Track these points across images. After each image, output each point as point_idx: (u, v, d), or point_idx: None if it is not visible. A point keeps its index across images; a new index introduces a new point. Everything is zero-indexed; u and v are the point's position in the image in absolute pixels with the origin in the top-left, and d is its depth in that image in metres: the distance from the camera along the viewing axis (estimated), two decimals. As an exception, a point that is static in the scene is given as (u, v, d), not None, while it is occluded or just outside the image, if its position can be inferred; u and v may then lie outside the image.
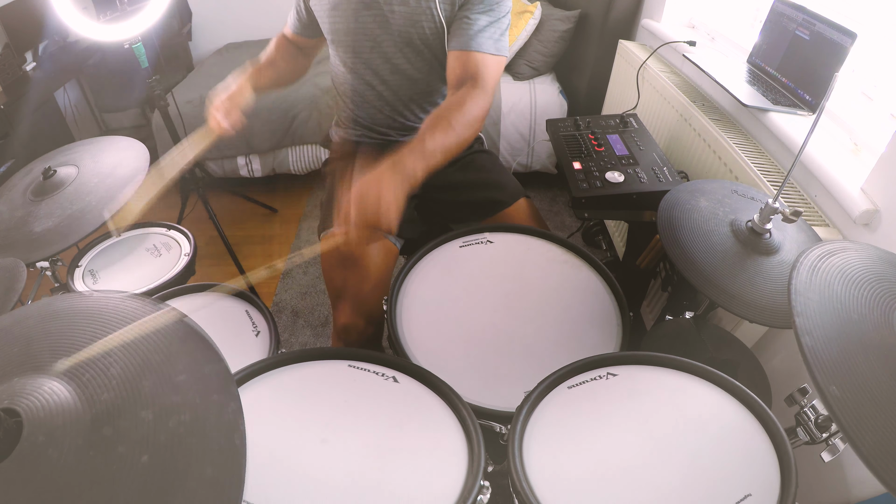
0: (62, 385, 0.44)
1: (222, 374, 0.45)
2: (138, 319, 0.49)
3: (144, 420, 0.41)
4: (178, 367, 0.45)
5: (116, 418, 0.42)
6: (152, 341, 0.47)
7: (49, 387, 0.44)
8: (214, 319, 0.99)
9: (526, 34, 2.23)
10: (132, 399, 0.43)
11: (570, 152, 1.24)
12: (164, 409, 0.42)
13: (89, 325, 0.49)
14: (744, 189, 0.94)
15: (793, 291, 0.55)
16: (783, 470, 0.58)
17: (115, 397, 0.43)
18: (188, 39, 2.96)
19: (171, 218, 1.48)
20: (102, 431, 0.41)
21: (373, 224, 0.76)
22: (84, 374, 0.44)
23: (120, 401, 0.42)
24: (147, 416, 0.41)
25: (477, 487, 0.59)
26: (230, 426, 0.42)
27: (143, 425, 0.41)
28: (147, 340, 0.47)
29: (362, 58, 1.12)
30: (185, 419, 0.42)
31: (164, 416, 0.42)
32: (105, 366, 0.45)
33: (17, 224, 0.99)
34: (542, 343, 0.86)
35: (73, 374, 0.44)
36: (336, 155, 1.29)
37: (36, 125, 2.19)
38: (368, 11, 1.06)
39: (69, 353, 0.46)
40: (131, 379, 0.44)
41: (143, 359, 0.46)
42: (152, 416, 0.42)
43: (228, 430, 0.42)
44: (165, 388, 0.43)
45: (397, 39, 1.08)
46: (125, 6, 1.60)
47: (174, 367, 0.45)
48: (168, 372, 0.45)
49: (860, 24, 1.06)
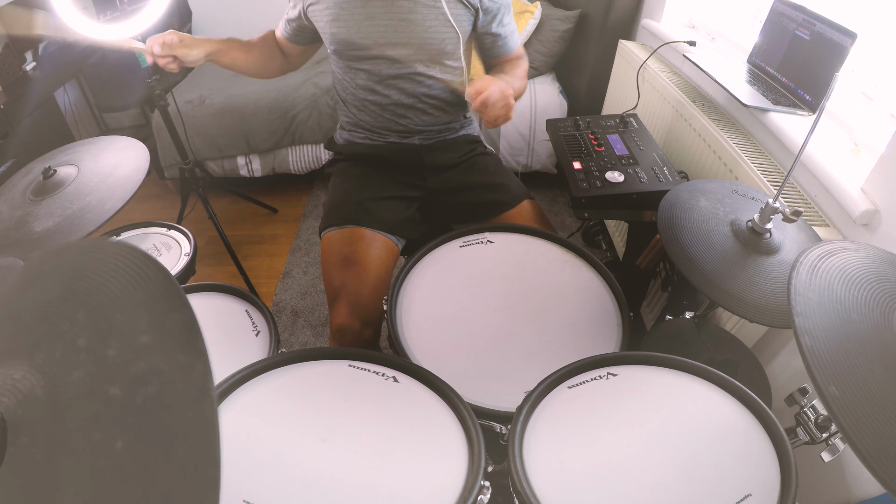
0: (36, 373, 0.41)
1: (186, 324, 0.40)
2: (103, 268, 0.45)
3: (114, 398, 0.38)
4: (140, 324, 0.41)
5: (88, 399, 0.38)
6: (115, 294, 0.43)
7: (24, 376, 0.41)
8: (214, 319, 0.99)
9: (526, 34, 2.23)
10: (101, 374, 0.39)
11: (570, 152, 1.24)
12: (131, 381, 0.38)
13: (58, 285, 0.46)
14: (744, 189, 0.94)
15: (792, 291, 0.55)
16: (783, 470, 0.58)
17: (84, 374, 0.39)
18: (188, 39, 2.96)
19: (171, 218, 1.48)
20: (78, 417, 0.38)
21: (503, 115, 0.96)
22: (56, 351, 0.41)
23: (89, 377, 0.39)
24: (116, 393, 0.38)
25: (477, 487, 0.59)
26: (199, 393, 0.37)
27: (114, 405, 0.38)
28: (110, 294, 0.43)
29: (366, 66, 1.13)
30: (152, 391, 0.38)
31: (131, 392, 0.38)
32: (72, 336, 0.41)
33: (17, 224, 0.99)
34: (542, 343, 0.87)
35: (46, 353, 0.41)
36: (341, 157, 1.29)
37: (36, 125, 2.19)
38: (372, 21, 1.07)
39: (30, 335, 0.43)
40: (97, 348, 0.40)
41: (108, 319, 0.42)
42: (120, 391, 0.38)
43: (197, 398, 0.37)
44: (130, 354, 0.40)
45: (406, 48, 1.09)
46: (125, 6, 1.60)
47: (137, 326, 0.41)
48: (132, 332, 0.40)
49: (860, 24, 1.06)
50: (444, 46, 1.11)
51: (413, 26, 1.07)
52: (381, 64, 1.12)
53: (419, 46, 1.10)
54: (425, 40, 1.09)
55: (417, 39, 1.09)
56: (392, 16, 1.06)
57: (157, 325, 0.41)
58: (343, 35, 1.09)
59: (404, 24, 1.07)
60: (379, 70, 1.13)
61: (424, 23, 1.07)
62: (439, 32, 1.09)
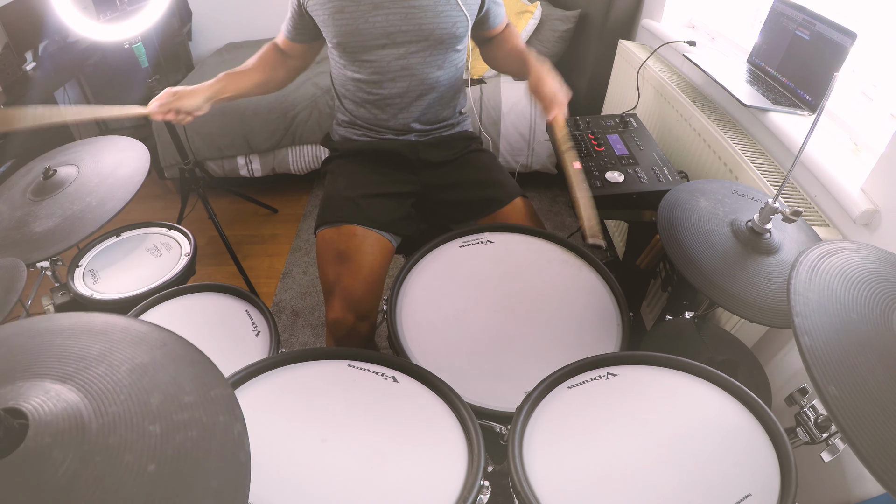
0: (71, 392, 0.45)
1: (228, 399, 0.47)
2: (145, 341, 0.51)
3: (152, 433, 0.43)
4: (185, 388, 0.47)
5: (124, 430, 0.43)
6: (160, 363, 0.49)
7: (56, 392, 0.45)
8: (214, 319, 0.99)
9: (526, 34, 2.23)
10: (140, 413, 0.44)
11: (570, 152, 1.23)
12: (172, 424, 0.44)
13: (94, 341, 0.51)
14: (744, 189, 0.94)
15: (792, 291, 0.55)
16: (783, 470, 0.58)
17: (123, 410, 0.44)
18: (188, 39, 2.96)
19: (171, 218, 1.48)
20: (109, 440, 0.42)
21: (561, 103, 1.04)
22: (94, 387, 0.46)
23: (128, 414, 0.44)
24: (155, 430, 0.43)
25: (477, 487, 0.59)
26: (235, 444, 0.44)
27: (151, 437, 0.43)
28: (156, 362, 0.49)
29: (372, 58, 1.12)
30: (192, 435, 0.43)
31: (171, 431, 0.43)
32: (114, 381, 0.47)
33: (17, 224, 0.99)
34: (542, 343, 0.87)
35: (82, 385, 0.46)
36: (337, 154, 1.29)
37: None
38: (379, 11, 1.06)
39: (76, 366, 0.47)
40: (140, 395, 0.46)
41: (152, 378, 0.47)
42: (160, 430, 0.43)
43: (233, 447, 0.44)
44: (173, 407, 0.45)
45: (415, 35, 1.09)
46: (125, 6, 1.60)
47: (182, 388, 0.47)
48: (175, 392, 0.47)
49: (860, 24, 1.06)
50: (456, 30, 1.11)
51: (424, 12, 1.07)
52: (388, 55, 1.11)
53: (430, 32, 1.09)
54: (437, 26, 1.09)
55: (429, 25, 1.08)
56: (401, 3, 1.06)
57: (201, 392, 0.47)
58: (349, 27, 1.08)
59: (414, 11, 1.07)
60: (386, 61, 1.12)
61: (436, 7, 1.07)
62: (450, 16, 1.09)
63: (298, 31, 1.19)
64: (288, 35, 1.21)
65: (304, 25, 1.17)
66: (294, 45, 1.22)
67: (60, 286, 1.11)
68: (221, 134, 2.24)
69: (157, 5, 1.52)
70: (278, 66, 1.26)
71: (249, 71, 1.23)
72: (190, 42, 3.00)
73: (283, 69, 1.27)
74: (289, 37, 1.21)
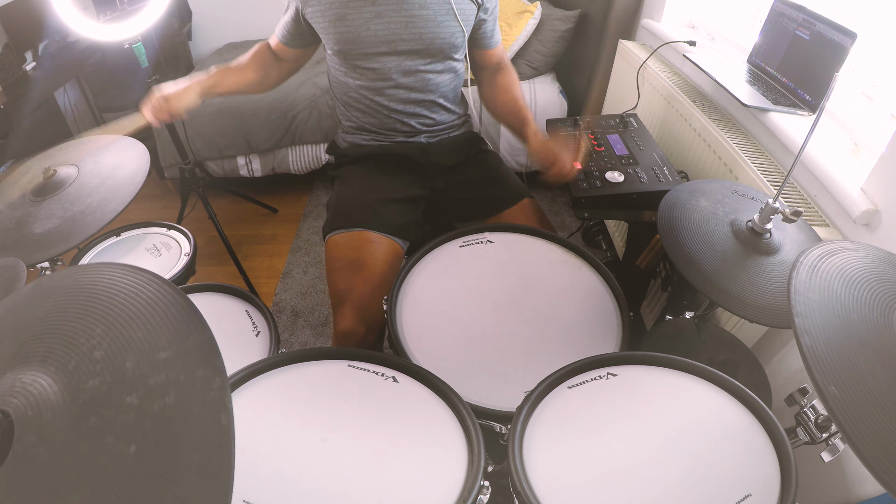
0: (48, 378, 0.42)
1: (206, 344, 0.43)
2: (123, 290, 0.47)
3: (130, 406, 0.40)
4: (160, 341, 0.43)
5: (102, 406, 0.40)
6: (135, 313, 0.45)
7: (35, 380, 0.42)
8: (214, 319, 0.99)
9: (526, 34, 2.23)
10: (117, 383, 0.41)
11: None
12: (149, 391, 0.41)
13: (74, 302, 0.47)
14: (744, 189, 0.94)
15: (792, 291, 0.55)
16: (783, 470, 0.58)
17: (100, 383, 0.41)
18: (188, 39, 2.96)
19: (171, 218, 1.48)
20: (90, 422, 0.39)
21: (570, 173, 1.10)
22: (70, 361, 0.43)
23: (105, 387, 0.41)
24: (132, 401, 0.40)
25: (477, 487, 0.59)
26: (216, 404, 0.40)
27: (129, 411, 0.40)
28: (129, 313, 0.45)
29: (374, 65, 1.12)
30: (171, 401, 0.40)
31: (148, 400, 0.40)
32: (89, 348, 0.43)
33: (17, 224, 0.99)
34: (542, 343, 0.86)
35: (58, 362, 0.43)
36: (346, 159, 1.28)
37: (36, 125, 2.19)
38: (381, 20, 1.06)
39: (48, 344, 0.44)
40: (115, 360, 0.42)
41: (126, 336, 0.44)
42: (137, 400, 0.40)
43: (214, 408, 0.40)
44: (149, 368, 0.42)
45: (417, 44, 1.09)
46: (125, 6, 1.60)
47: (157, 343, 0.43)
48: (151, 348, 0.43)
49: (860, 24, 1.06)
50: (455, 40, 1.12)
51: (425, 22, 1.07)
52: (389, 62, 1.12)
53: (431, 42, 1.10)
54: (437, 35, 1.09)
55: (429, 35, 1.09)
56: (403, 12, 1.06)
57: (176, 344, 0.43)
58: (350, 34, 1.08)
59: (415, 20, 1.07)
60: (387, 69, 1.12)
61: (436, 17, 1.08)
62: (449, 27, 1.10)
63: (293, 36, 1.18)
64: (283, 39, 1.20)
65: (299, 32, 1.16)
66: (287, 50, 1.22)
67: (60, 286, 1.10)
68: (221, 134, 2.24)
69: (157, 5, 1.52)
70: (271, 68, 1.25)
71: (244, 69, 1.22)
72: (190, 42, 3.00)
73: (276, 72, 1.26)
74: (283, 41, 1.20)
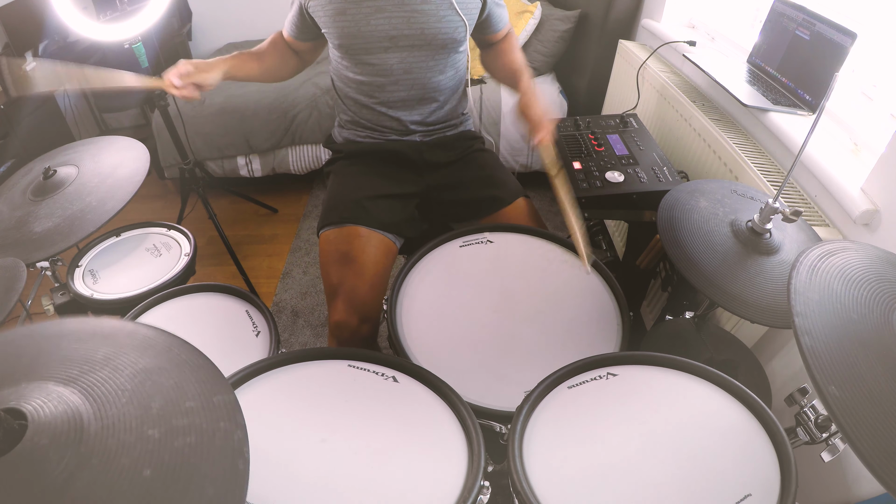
0: (72, 394, 0.45)
1: (231, 405, 0.47)
2: (152, 346, 0.51)
3: (150, 437, 0.43)
4: (188, 393, 0.47)
5: (123, 433, 0.43)
6: (165, 368, 0.49)
7: (59, 394, 0.45)
8: (214, 319, 0.99)
9: (526, 34, 2.23)
10: (140, 417, 0.44)
11: (570, 152, 1.24)
12: (171, 429, 0.44)
13: (100, 345, 0.51)
14: (743, 189, 0.94)
15: (792, 291, 0.55)
16: (783, 470, 0.58)
17: (123, 413, 0.44)
18: (188, 39, 2.96)
19: (171, 218, 1.48)
20: (107, 442, 0.42)
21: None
22: (96, 390, 0.46)
23: (128, 418, 0.44)
24: (153, 435, 0.43)
25: (477, 487, 0.59)
26: (234, 451, 0.43)
27: (149, 442, 0.42)
28: (160, 367, 0.49)
29: (374, 60, 1.12)
30: (191, 441, 0.43)
31: (170, 436, 0.43)
32: (117, 385, 0.46)
33: (17, 224, 0.99)
34: (542, 343, 0.86)
35: (85, 388, 0.46)
36: (340, 155, 1.29)
37: (36, 125, 2.19)
38: (382, 14, 1.06)
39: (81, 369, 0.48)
40: (141, 399, 0.45)
41: (155, 383, 0.47)
42: (158, 435, 0.43)
43: (233, 454, 0.43)
44: (173, 411, 0.45)
45: (418, 39, 1.09)
46: (125, 6, 1.60)
47: (184, 394, 0.47)
48: (177, 397, 0.46)
49: (860, 24, 1.06)
50: (457, 35, 1.12)
51: (426, 17, 1.07)
52: (390, 58, 1.12)
53: (432, 37, 1.10)
54: (439, 31, 1.09)
55: (431, 30, 1.09)
56: (404, 7, 1.06)
57: (203, 398, 0.47)
58: (351, 29, 1.08)
59: (416, 16, 1.07)
60: (388, 64, 1.12)
61: (438, 12, 1.07)
62: (451, 21, 1.09)
63: (301, 30, 1.19)
64: (292, 33, 1.21)
65: (305, 25, 1.17)
66: (298, 43, 1.23)
67: (60, 286, 1.11)
68: (221, 134, 2.24)
69: (157, 5, 1.52)
70: (289, 58, 1.26)
71: (264, 54, 1.22)
72: (190, 42, 3.00)
73: (293, 62, 1.27)
74: (293, 35, 1.21)
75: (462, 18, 1.10)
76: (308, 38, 1.20)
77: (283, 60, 1.25)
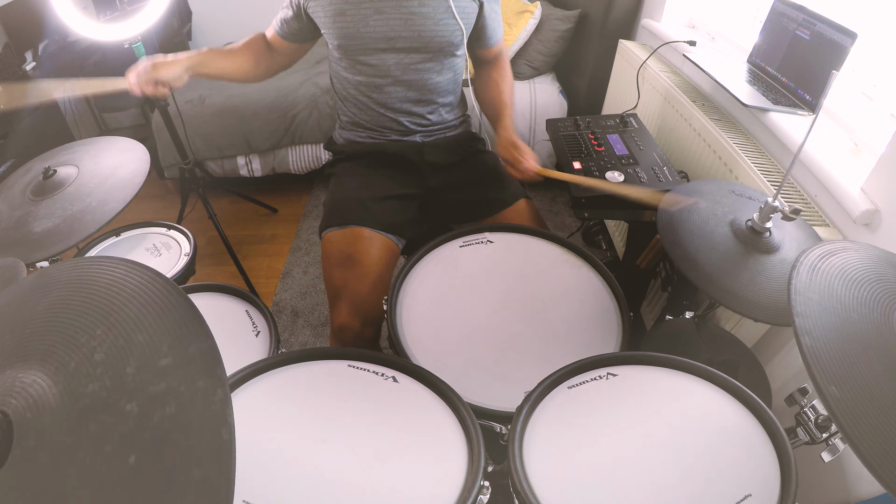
0: (48, 379, 0.42)
1: (208, 353, 0.42)
2: (125, 288, 0.46)
3: (130, 414, 0.39)
4: (162, 347, 0.42)
5: (102, 413, 0.40)
6: (137, 314, 0.44)
7: (34, 380, 0.42)
8: (214, 319, 0.99)
9: (526, 34, 2.23)
10: (117, 389, 0.40)
11: (570, 152, 1.24)
12: (149, 399, 0.40)
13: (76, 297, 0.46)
14: (742, 189, 0.94)
15: (793, 291, 0.55)
16: (783, 470, 0.58)
17: (100, 388, 0.40)
18: (188, 39, 2.96)
19: (171, 218, 1.48)
20: (89, 428, 0.39)
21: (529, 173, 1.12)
22: (70, 362, 0.42)
23: (105, 392, 0.40)
24: (132, 409, 0.39)
25: (477, 487, 0.59)
26: (217, 418, 0.39)
27: (129, 420, 0.39)
28: (131, 314, 0.44)
29: (373, 61, 1.12)
30: (171, 412, 0.39)
31: (148, 410, 0.39)
32: (89, 349, 0.42)
33: (16, 224, 0.99)
34: (542, 343, 0.86)
35: (59, 362, 0.42)
36: (342, 156, 1.28)
37: (36, 125, 2.19)
38: (380, 16, 1.06)
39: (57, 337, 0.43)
40: (115, 364, 0.42)
41: (127, 339, 0.43)
42: (137, 408, 0.39)
43: (216, 422, 0.39)
44: (149, 375, 0.41)
45: (416, 41, 1.09)
46: (125, 6, 1.60)
47: (158, 349, 0.42)
48: (152, 354, 0.42)
49: (860, 24, 1.06)
50: (454, 38, 1.12)
51: (424, 19, 1.08)
52: (388, 59, 1.12)
53: (430, 40, 1.10)
54: (436, 33, 1.09)
55: (428, 33, 1.09)
56: (402, 9, 1.06)
57: (178, 351, 0.42)
58: (350, 30, 1.08)
59: (414, 18, 1.07)
60: (387, 66, 1.12)
61: (435, 15, 1.08)
62: (448, 25, 1.10)
63: (292, 30, 1.18)
64: (280, 32, 1.20)
65: (299, 27, 1.16)
66: (284, 44, 1.21)
67: (60, 286, 1.10)
68: (221, 134, 2.24)
69: (157, 5, 1.53)
70: (262, 59, 1.24)
71: (235, 54, 1.21)
72: (190, 42, 3.00)
73: (266, 63, 1.25)
74: (280, 34, 1.20)
75: (459, 23, 1.10)
76: (297, 40, 1.20)
77: (256, 61, 1.23)
